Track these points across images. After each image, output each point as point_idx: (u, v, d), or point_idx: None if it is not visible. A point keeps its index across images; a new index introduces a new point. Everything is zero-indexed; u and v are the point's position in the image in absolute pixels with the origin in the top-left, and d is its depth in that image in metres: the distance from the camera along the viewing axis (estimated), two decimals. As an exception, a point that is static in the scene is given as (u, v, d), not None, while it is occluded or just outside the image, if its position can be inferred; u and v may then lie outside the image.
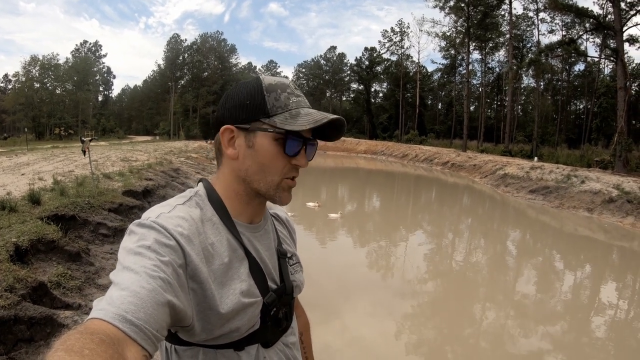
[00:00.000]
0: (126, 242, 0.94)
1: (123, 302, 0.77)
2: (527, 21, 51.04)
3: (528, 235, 13.41)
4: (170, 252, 0.92)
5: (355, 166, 37.56)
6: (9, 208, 6.90)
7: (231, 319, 1.05)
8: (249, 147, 1.13)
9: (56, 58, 64.94)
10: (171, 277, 0.88)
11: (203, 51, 77.89)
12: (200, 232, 1.04)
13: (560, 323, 6.87)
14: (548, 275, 9.41)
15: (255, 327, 1.13)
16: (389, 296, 7.60)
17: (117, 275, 0.85)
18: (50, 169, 13.80)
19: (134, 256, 0.89)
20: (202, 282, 0.99)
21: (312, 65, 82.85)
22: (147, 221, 0.97)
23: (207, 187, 1.19)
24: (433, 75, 75.34)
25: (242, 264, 1.12)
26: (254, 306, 1.11)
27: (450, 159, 33.15)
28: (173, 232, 0.96)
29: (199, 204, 1.13)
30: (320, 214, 13.85)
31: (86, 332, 0.67)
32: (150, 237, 0.92)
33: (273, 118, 1.11)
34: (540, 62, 34.16)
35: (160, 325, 0.81)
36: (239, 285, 1.08)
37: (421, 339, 6.10)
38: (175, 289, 0.89)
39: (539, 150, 36.57)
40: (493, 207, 18.70)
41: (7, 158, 18.32)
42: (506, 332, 6.43)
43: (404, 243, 11.69)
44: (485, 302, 7.63)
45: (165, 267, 0.88)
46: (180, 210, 1.05)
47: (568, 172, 18.94)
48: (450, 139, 59.65)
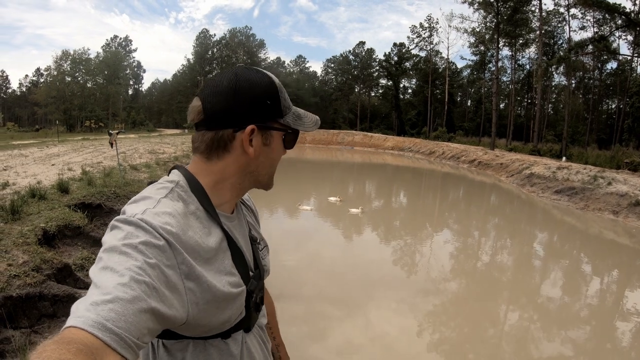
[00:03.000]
0: (111, 238, 0.90)
1: (104, 309, 0.74)
2: (558, 17, 49.93)
3: (552, 237, 13.23)
4: (157, 254, 0.89)
5: (382, 162, 37.40)
6: (38, 196, 7.19)
7: (223, 310, 1.07)
8: (265, 145, 1.18)
9: (87, 52, 65.97)
10: (157, 281, 0.86)
11: (232, 46, 78.29)
12: (188, 227, 1.01)
13: (583, 328, 6.81)
14: (572, 279, 9.29)
15: (242, 315, 1.16)
16: (412, 293, 7.61)
17: (100, 275, 0.82)
18: (79, 160, 14.17)
19: (119, 256, 0.85)
20: (197, 277, 0.98)
21: (340, 61, 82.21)
22: (133, 218, 0.92)
23: (188, 177, 1.15)
24: (462, 71, 74.11)
25: (226, 255, 1.12)
26: (241, 295, 1.13)
27: (477, 157, 32.76)
28: (161, 230, 0.92)
29: (182, 196, 1.09)
30: (342, 209, 13.92)
31: (62, 341, 0.65)
32: (137, 236, 0.89)
33: (285, 118, 1.19)
34: (570, 59, 33.50)
35: (142, 333, 0.78)
36: (227, 278, 1.09)
37: (443, 338, 6.12)
38: (160, 293, 0.86)
39: (568, 150, 35.83)
40: (517, 207, 18.46)
41: (39, 149, 18.85)
42: (529, 334, 6.38)
43: (426, 240, 11.69)
44: (509, 303, 7.59)
45: (151, 270, 0.85)
46: (165, 205, 1.01)
47: (595, 173, 18.50)
48: (478, 137, 58.69)
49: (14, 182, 9.07)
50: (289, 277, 7.94)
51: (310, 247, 10.13)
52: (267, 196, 14.82)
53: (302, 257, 9.29)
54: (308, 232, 11.11)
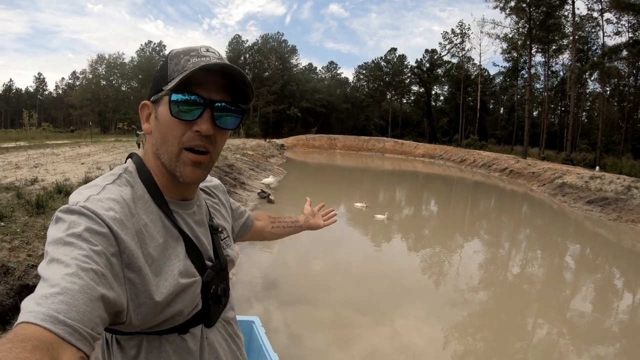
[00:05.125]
0: (54, 231, 0.87)
1: (54, 302, 0.72)
2: (592, 22, 48.83)
3: (584, 250, 12.89)
4: (102, 241, 0.86)
5: (412, 169, 37.08)
6: (65, 192, 7.41)
7: (171, 302, 1.01)
8: (156, 119, 1.08)
9: (122, 57, 67.88)
10: (104, 268, 0.83)
11: (264, 52, 78.90)
12: (134, 214, 0.98)
13: (613, 345, 6.61)
14: (604, 294, 9.03)
15: (198, 307, 1.12)
16: (439, 303, 7.52)
17: (47, 270, 0.79)
18: (109, 160, 14.45)
19: (64, 247, 0.82)
20: (139, 269, 0.93)
21: (372, 67, 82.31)
22: (76, 207, 0.89)
23: (137, 163, 1.12)
24: (495, 78, 73.57)
25: (178, 244, 1.08)
26: (193, 286, 1.08)
27: (509, 166, 32.30)
28: (105, 217, 0.89)
29: (129, 181, 1.06)
30: (367, 215, 13.88)
31: (17, 339, 0.63)
32: (80, 225, 0.86)
33: (169, 83, 1.04)
34: (604, 65, 32.82)
35: (95, 323, 0.76)
36: (177, 265, 1.04)
37: (469, 350, 6.04)
38: (109, 280, 0.83)
39: (602, 160, 35.13)
40: (548, 217, 18.08)
41: (70, 149, 19.29)
42: (556, 350, 6.24)
43: (454, 250, 11.52)
44: (537, 317, 7.44)
45: (97, 257, 0.83)
46: (110, 191, 0.97)
47: (629, 183, 18.05)
48: (511, 145, 58.07)
49: (43, 178, 9.28)
50: (314, 282, 7.98)
51: (335, 253, 10.10)
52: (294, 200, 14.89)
53: (327, 262, 9.28)
54: (333, 237, 11.06)
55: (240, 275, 7.50)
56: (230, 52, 79.16)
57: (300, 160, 38.67)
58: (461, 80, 67.96)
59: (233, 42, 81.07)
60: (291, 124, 75.26)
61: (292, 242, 10.39)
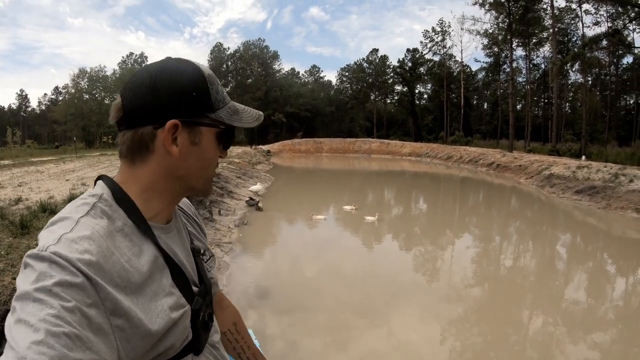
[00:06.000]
0: (22, 282, 0.78)
1: None
2: (571, 14, 49.39)
3: (575, 239, 12.99)
4: (76, 293, 0.77)
5: (399, 169, 37.20)
6: (49, 210, 7.29)
7: (163, 338, 0.94)
8: (193, 144, 1.03)
9: (104, 70, 67.20)
10: (79, 328, 0.74)
11: (246, 58, 78.77)
12: (112, 251, 0.88)
13: (609, 331, 6.64)
14: (597, 281, 9.09)
15: (189, 338, 1.05)
16: (434, 300, 7.52)
17: (13, 331, 0.71)
18: (94, 175, 14.31)
19: (33, 304, 0.73)
20: (125, 312, 0.85)
21: (355, 69, 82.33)
22: (46, 253, 0.80)
23: (113, 188, 1.02)
24: (477, 74, 73.88)
25: (164, 274, 1.00)
26: (183, 317, 1.01)
27: (496, 160, 32.46)
28: (79, 264, 0.79)
29: (105, 211, 0.95)
30: (357, 217, 13.83)
31: None
32: (51, 277, 0.76)
33: (218, 113, 1.05)
34: (585, 55, 33.16)
35: None
36: (166, 301, 0.96)
37: (467, 345, 6.03)
38: (85, 341, 0.74)
39: (587, 149, 35.41)
40: (537, 209, 18.19)
41: (55, 165, 19.21)
42: (554, 339, 6.26)
43: (446, 246, 11.55)
44: (532, 308, 7.44)
45: (70, 315, 0.74)
46: (84, 226, 0.88)
47: (616, 171, 18.17)
48: (496, 140, 58.59)
49: (27, 197, 9.19)
50: (308, 286, 7.93)
51: (327, 257, 10.07)
52: (283, 206, 14.83)
53: (320, 267, 9.23)
54: (324, 241, 11.03)
55: (233, 285, 7.44)
56: (212, 60, 78.94)
57: (287, 165, 38.52)
58: (444, 78, 68.17)
59: (215, 50, 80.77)
60: (276, 130, 75.12)
61: (284, 248, 10.31)
